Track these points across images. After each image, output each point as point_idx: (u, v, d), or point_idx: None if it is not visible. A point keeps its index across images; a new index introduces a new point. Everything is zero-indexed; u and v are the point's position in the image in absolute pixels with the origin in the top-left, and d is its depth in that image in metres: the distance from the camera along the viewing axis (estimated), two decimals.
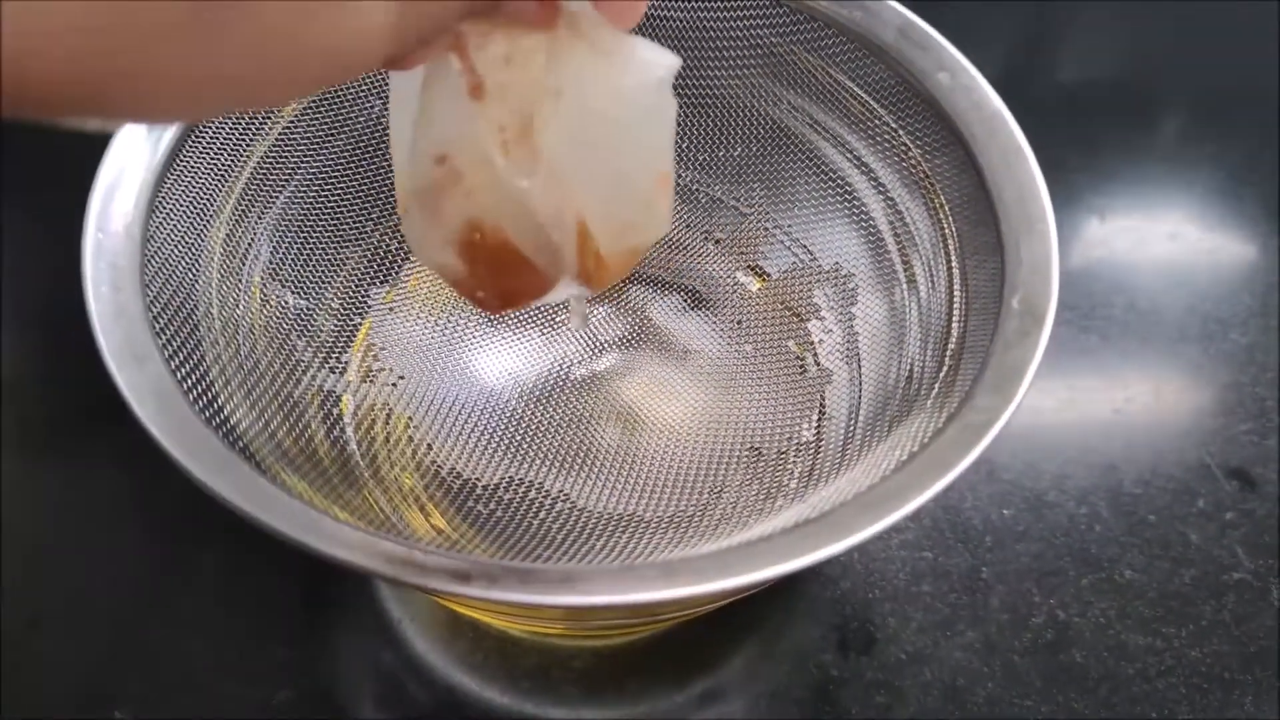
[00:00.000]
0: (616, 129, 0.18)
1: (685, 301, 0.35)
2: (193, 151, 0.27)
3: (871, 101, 0.30)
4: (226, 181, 0.28)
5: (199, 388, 0.23)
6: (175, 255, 0.26)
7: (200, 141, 0.27)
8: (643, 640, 0.31)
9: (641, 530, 0.29)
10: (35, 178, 0.37)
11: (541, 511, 0.30)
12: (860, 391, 0.31)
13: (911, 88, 0.28)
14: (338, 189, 0.32)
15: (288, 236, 0.30)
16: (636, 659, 0.31)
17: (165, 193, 0.26)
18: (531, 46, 0.17)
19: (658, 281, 0.36)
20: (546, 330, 0.34)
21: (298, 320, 0.30)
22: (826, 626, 0.32)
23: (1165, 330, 0.40)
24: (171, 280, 0.25)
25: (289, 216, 0.30)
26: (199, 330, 0.25)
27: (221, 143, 0.28)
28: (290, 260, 0.30)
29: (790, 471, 0.31)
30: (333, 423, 0.30)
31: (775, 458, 0.31)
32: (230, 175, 0.28)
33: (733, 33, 0.31)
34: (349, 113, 0.31)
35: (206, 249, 0.27)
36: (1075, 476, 0.35)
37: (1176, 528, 0.34)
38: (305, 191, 0.31)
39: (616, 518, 0.30)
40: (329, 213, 0.32)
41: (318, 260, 0.31)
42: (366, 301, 0.33)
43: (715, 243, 0.36)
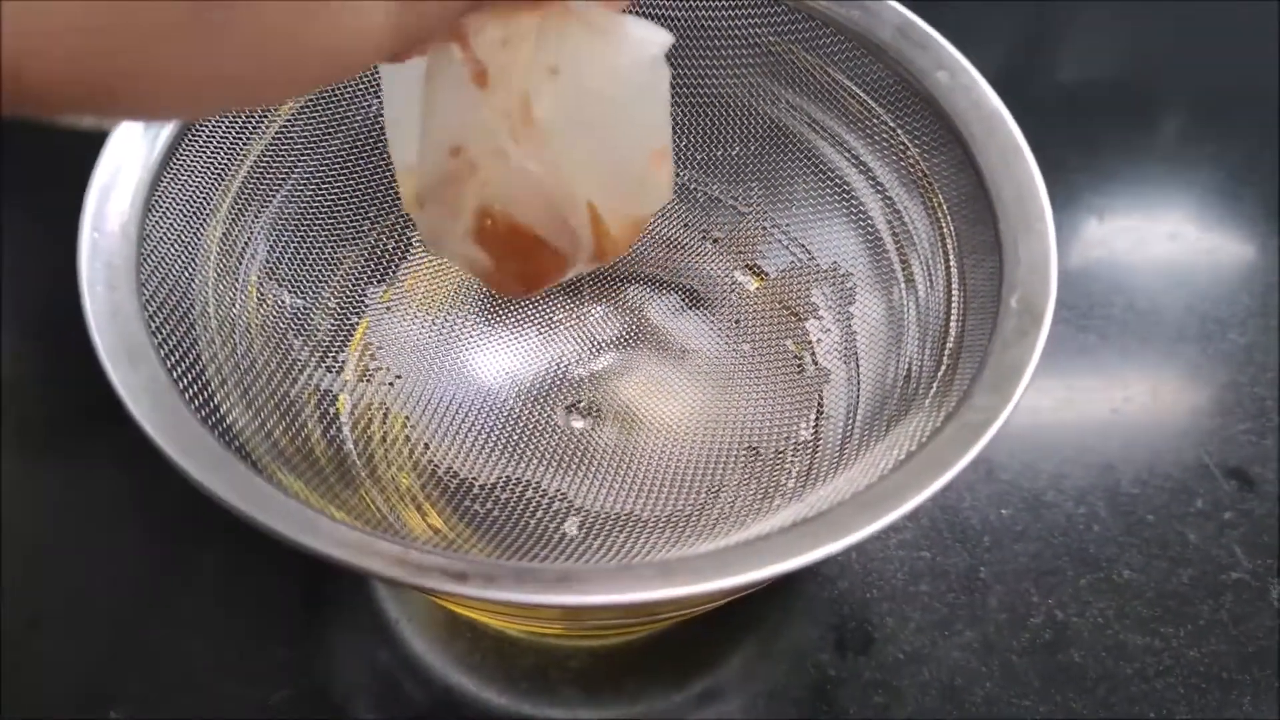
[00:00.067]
0: (614, 107, 0.18)
1: (683, 301, 0.35)
2: (189, 150, 0.27)
3: (870, 100, 0.30)
4: (223, 180, 0.28)
5: (195, 387, 0.23)
6: (171, 254, 0.26)
7: (197, 140, 0.27)
8: (640, 640, 0.31)
9: (639, 530, 0.29)
10: (35, 177, 0.37)
11: (538, 511, 0.30)
12: (858, 391, 0.31)
13: (910, 87, 0.28)
14: (335, 188, 0.32)
15: (284, 236, 0.30)
16: (634, 659, 0.31)
17: (161, 192, 0.26)
18: (526, 26, 0.17)
19: (655, 281, 0.35)
20: (544, 329, 0.34)
21: (294, 319, 0.30)
22: (824, 626, 0.32)
23: (1164, 330, 0.40)
24: (167, 280, 0.25)
25: (286, 215, 0.30)
26: (195, 329, 0.25)
27: (218, 142, 0.28)
28: (287, 259, 0.30)
29: (788, 471, 0.31)
30: (329, 422, 0.29)
31: (773, 457, 0.31)
32: (227, 174, 0.28)
33: (731, 31, 0.31)
34: (346, 111, 0.31)
35: (203, 248, 0.27)
36: (1073, 476, 0.35)
37: (1175, 527, 0.34)
38: (302, 190, 0.31)
39: (614, 517, 0.30)
40: (326, 212, 0.32)
41: (314, 259, 0.31)
42: (363, 301, 0.33)
43: (713, 242, 0.36)
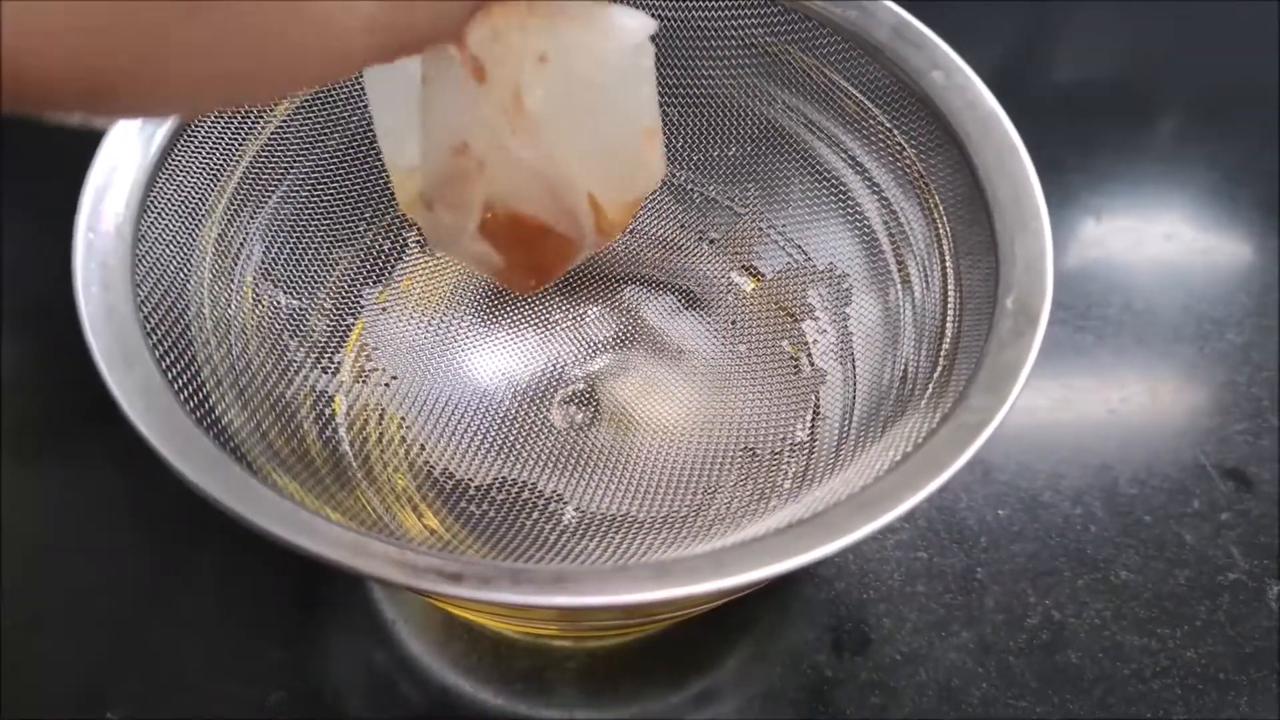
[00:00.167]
0: (602, 94, 0.18)
1: (679, 302, 0.35)
2: (185, 151, 0.27)
3: (866, 101, 0.30)
4: (219, 181, 0.28)
5: (190, 388, 0.23)
6: (167, 255, 0.26)
7: (192, 141, 0.27)
8: (637, 641, 0.31)
9: (635, 531, 0.29)
10: (35, 177, 0.37)
11: (534, 512, 0.30)
12: (854, 392, 0.31)
13: (906, 87, 0.28)
14: (331, 189, 0.32)
15: (280, 236, 0.30)
16: (631, 660, 0.31)
17: (157, 192, 0.26)
18: (514, 18, 0.17)
19: (652, 282, 0.35)
20: (540, 330, 0.34)
21: (290, 320, 0.30)
22: (821, 627, 0.32)
23: (1160, 330, 0.40)
24: (163, 280, 0.25)
25: (281, 216, 0.30)
26: (190, 330, 0.25)
27: (214, 143, 0.28)
28: (283, 260, 0.30)
29: (784, 472, 0.31)
30: (325, 423, 0.29)
31: (769, 458, 0.31)
32: (222, 175, 0.28)
33: (726, 32, 0.31)
34: (342, 112, 0.31)
35: (198, 249, 0.27)
36: (1070, 476, 0.35)
37: (1172, 528, 0.34)
38: (298, 191, 0.31)
39: (610, 518, 0.30)
40: (322, 213, 0.32)
41: (310, 260, 0.31)
42: (359, 302, 0.33)
43: (709, 243, 0.36)
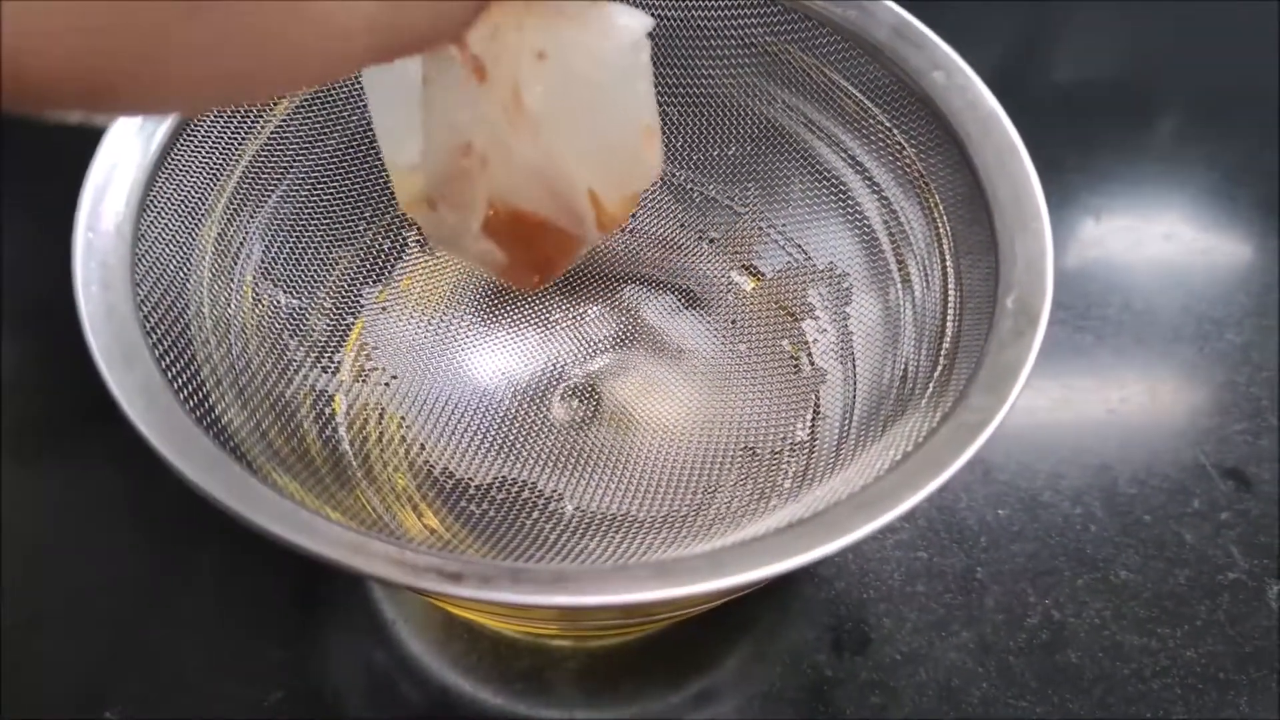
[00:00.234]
0: (601, 90, 0.18)
1: (679, 301, 0.35)
2: (184, 150, 0.27)
3: (866, 101, 0.30)
4: (218, 180, 0.28)
5: (190, 387, 0.23)
6: (166, 254, 0.26)
7: (192, 140, 0.27)
8: (637, 641, 0.31)
9: (635, 530, 0.29)
10: (35, 177, 0.37)
11: (534, 512, 0.30)
12: (855, 391, 0.31)
13: (906, 87, 0.28)
14: (330, 188, 0.32)
15: (280, 235, 0.30)
16: (630, 660, 0.31)
17: (156, 191, 0.26)
18: (511, 14, 0.17)
19: (651, 281, 0.35)
20: (540, 330, 0.34)
21: (290, 320, 0.30)
22: (821, 627, 0.32)
23: (1160, 330, 0.40)
24: (162, 279, 0.25)
25: (281, 215, 0.30)
26: (190, 330, 0.25)
27: (213, 142, 0.28)
28: (282, 259, 0.30)
29: (784, 471, 0.31)
30: (325, 422, 0.29)
31: (769, 457, 0.31)
32: (222, 174, 0.28)
33: (726, 31, 0.31)
34: (342, 111, 0.31)
35: (198, 248, 0.27)
36: (1070, 476, 0.35)
37: (1171, 528, 0.34)
38: (298, 190, 0.31)
39: (610, 518, 0.30)
40: (322, 212, 0.32)
41: (310, 259, 0.31)
42: (359, 301, 0.33)
43: (709, 242, 0.36)
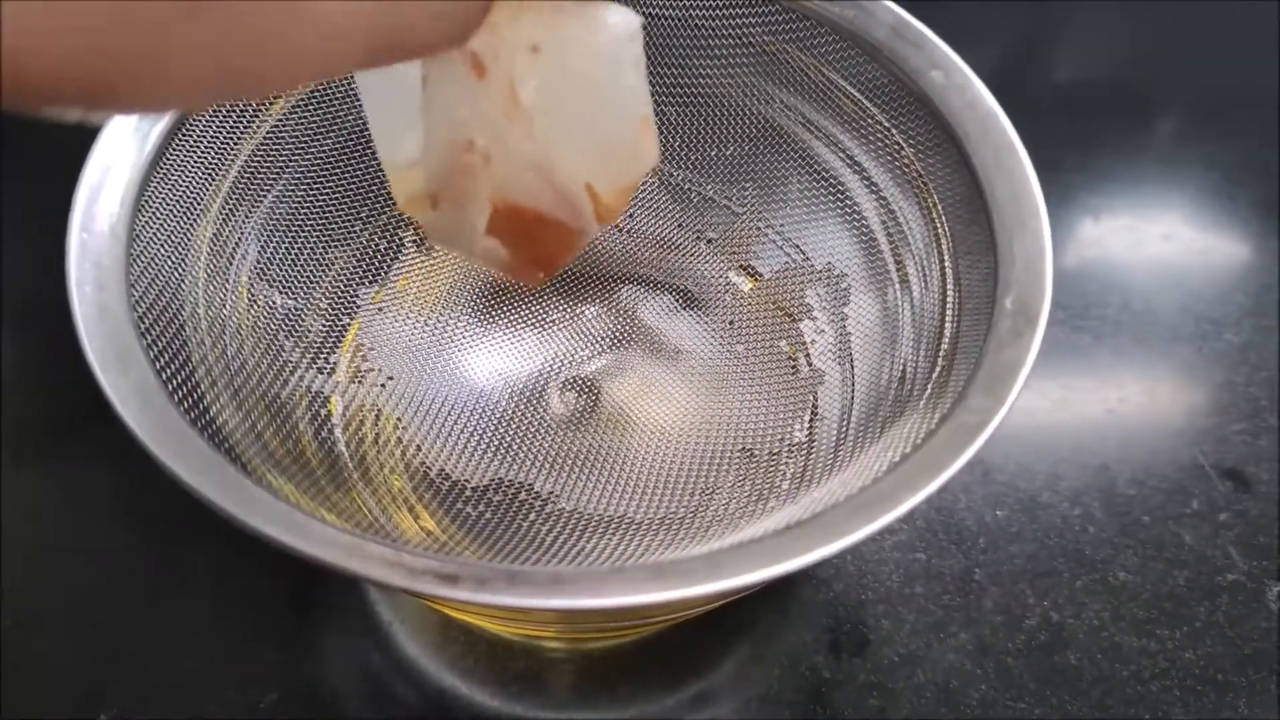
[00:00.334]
0: (596, 87, 0.19)
1: (677, 302, 0.35)
2: (179, 150, 0.27)
3: (864, 100, 0.30)
4: (214, 180, 0.28)
5: (184, 389, 0.23)
6: (161, 255, 0.25)
7: (187, 140, 0.27)
8: (634, 643, 0.31)
9: (632, 532, 0.29)
10: (34, 177, 0.37)
11: (531, 513, 0.30)
12: (853, 392, 0.31)
13: (905, 87, 0.28)
14: (326, 188, 0.32)
15: (275, 236, 0.30)
16: (628, 662, 0.31)
17: (151, 191, 0.25)
18: (506, 9, 0.17)
19: (649, 282, 0.35)
20: (537, 330, 0.34)
21: (285, 320, 0.30)
22: (819, 629, 0.32)
23: (1159, 330, 0.40)
24: (157, 280, 0.25)
25: (277, 216, 0.30)
26: (185, 330, 0.25)
27: (209, 141, 0.28)
28: (278, 260, 0.30)
29: (782, 473, 0.30)
30: (321, 424, 0.29)
31: (767, 459, 0.31)
32: (217, 174, 0.28)
33: (724, 30, 0.31)
34: (338, 111, 0.31)
35: (193, 248, 0.27)
36: (1069, 477, 0.35)
37: (1170, 528, 0.34)
38: (293, 191, 0.31)
39: (607, 519, 0.30)
40: (317, 212, 0.31)
41: (306, 260, 0.31)
42: (355, 302, 0.33)
43: (707, 242, 0.36)
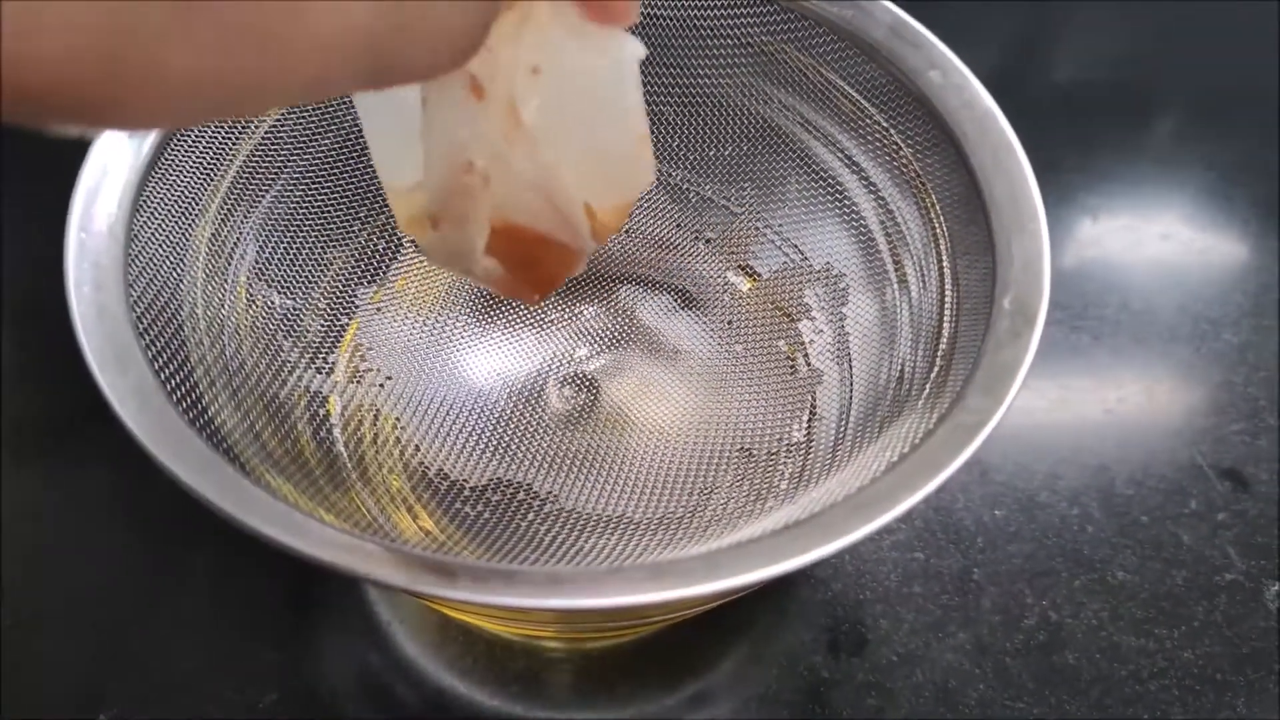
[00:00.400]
0: (597, 107, 0.19)
1: (675, 302, 0.35)
2: (177, 150, 0.27)
3: (862, 100, 0.30)
4: (212, 180, 0.28)
5: (183, 389, 0.23)
6: (159, 255, 0.25)
7: (185, 140, 0.27)
8: (632, 643, 0.31)
9: (630, 532, 0.29)
10: (34, 177, 0.36)
11: (529, 513, 0.30)
12: (851, 392, 0.31)
13: (903, 87, 0.28)
14: (324, 188, 0.32)
15: (274, 236, 0.30)
16: (626, 661, 0.31)
17: (149, 192, 0.25)
18: (507, 29, 0.17)
19: (648, 282, 0.35)
20: (536, 330, 0.34)
21: (284, 320, 0.30)
22: (817, 628, 0.32)
23: (1157, 330, 0.40)
24: (156, 280, 0.25)
25: (275, 216, 0.30)
26: (183, 331, 0.25)
27: (207, 142, 0.28)
28: (276, 260, 0.30)
29: (781, 472, 0.30)
30: (319, 424, 0.29)
31: (766, 459, 0.31)
32: (216, 174, 0.28)
33: (723, 31, 0.31)
34: (336, 111, 0.31)
35: (191, 249, 0.27)
36: (1067, 477, 0.35)
37: (1168, 528, 0.34)
38: (292, 191, 0.31)
39: (605, 519, 0.30)
40: (316, 212, 0.31)
41: (304, 260, 0.31)
42: (354, 302, 0.33)
43: (706, 242, 0.36)
